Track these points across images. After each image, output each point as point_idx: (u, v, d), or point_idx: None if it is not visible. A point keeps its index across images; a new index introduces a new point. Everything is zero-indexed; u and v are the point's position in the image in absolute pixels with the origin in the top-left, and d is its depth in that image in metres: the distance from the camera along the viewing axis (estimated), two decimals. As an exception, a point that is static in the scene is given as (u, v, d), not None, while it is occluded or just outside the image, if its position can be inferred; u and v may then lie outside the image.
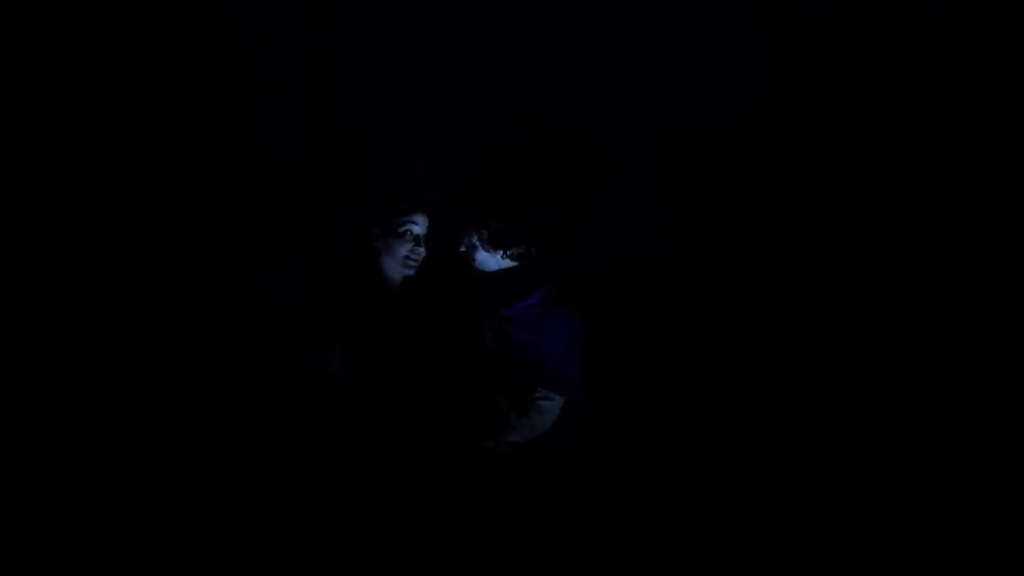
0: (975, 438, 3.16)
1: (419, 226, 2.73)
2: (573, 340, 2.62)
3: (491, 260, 2.66)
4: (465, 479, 2.57)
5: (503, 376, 2.60)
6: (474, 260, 2.67)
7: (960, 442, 3.16)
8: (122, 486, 3.10)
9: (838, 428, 3.27)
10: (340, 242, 3.48)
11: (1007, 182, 3.31)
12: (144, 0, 3.44)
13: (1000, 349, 3.25)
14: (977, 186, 3.33)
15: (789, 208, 3.52)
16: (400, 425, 2.62)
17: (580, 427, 2.66)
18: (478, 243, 2.64)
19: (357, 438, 2.62)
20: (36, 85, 3.39)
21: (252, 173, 3.59)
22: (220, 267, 3.51)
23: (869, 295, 3.42)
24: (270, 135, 3.59)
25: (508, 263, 2.65)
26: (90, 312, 3.39)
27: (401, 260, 2.71)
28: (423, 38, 3.60)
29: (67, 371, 3.31)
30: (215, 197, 3.54)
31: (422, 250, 2.74)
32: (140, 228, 3.48)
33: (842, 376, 3.35)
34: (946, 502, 3.03)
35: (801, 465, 3.19)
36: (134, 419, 3.27)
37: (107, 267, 3.44)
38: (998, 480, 3.04)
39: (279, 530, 2.77)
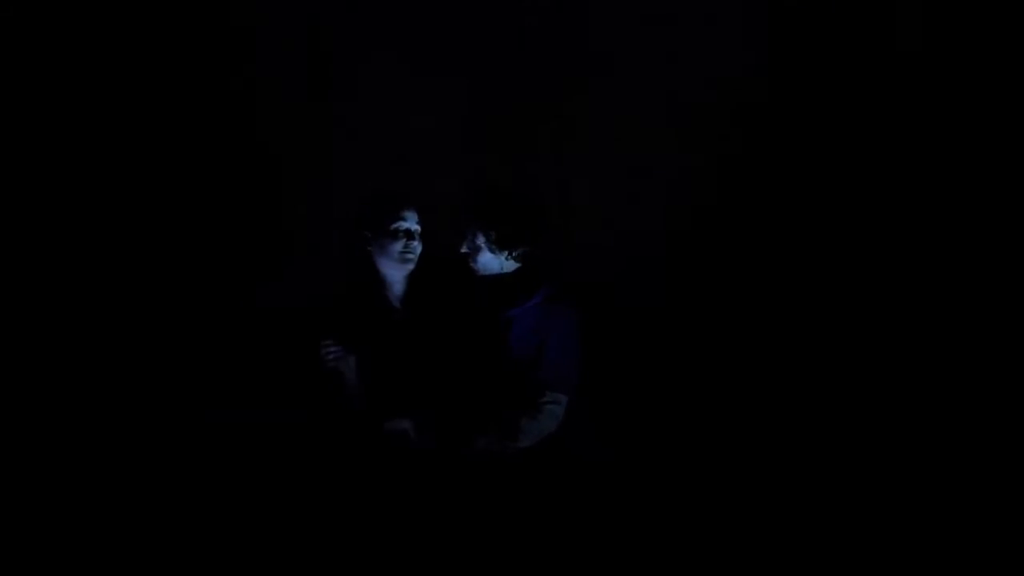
0: (975, 438, 3.16)
1: (409, 222, 2.68)
2: (575, 340, 2.63)
3: (495, 261, 2.63)
4: (473, 483, 2.57)
5: (509, 380, 2.59)
6: (476, 262, 2.64)
7: (960, 442, 3.16)
8: (128, 487, 3.11)
9: (837, 428, 3.26)
10: (341, 238, 3.50)
11: (1006, 185, 3.32)
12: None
13: (996, 348, 3.25)
14: (973, 191, 3.34)
15: (788, 208, 3.52)
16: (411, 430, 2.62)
17: (583, 427, 2.66)
18: (484, 244, 2.61)
19: (369, 442, 2.62)
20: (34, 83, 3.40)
21: (250, 170, 3.59)
22: (218, 265, 3.52)
23: (864, 293, 3.42)
24: (269, 133, 3.60)
25: (511, 265, 2.64)
26: (92, 314, 3.40)
27: (397, 256, 2.67)
28: (425, 29, 3.60)
29: (69, 373, 3.32)
30: (212, 192, 3.55)
31: (416, 243, 2.68)
32: (140, 227, 3.49)
33: (840, 376, 3.34)
34: (946, 502, 3.02)
35: (800, 463, 3.19)
36: (138, 420, 3.29)
37: (107, 268, 3.45)
38: (998, 480, 3.04)
39: (291, 532, 2.77)
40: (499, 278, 2.65)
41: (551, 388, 2.56)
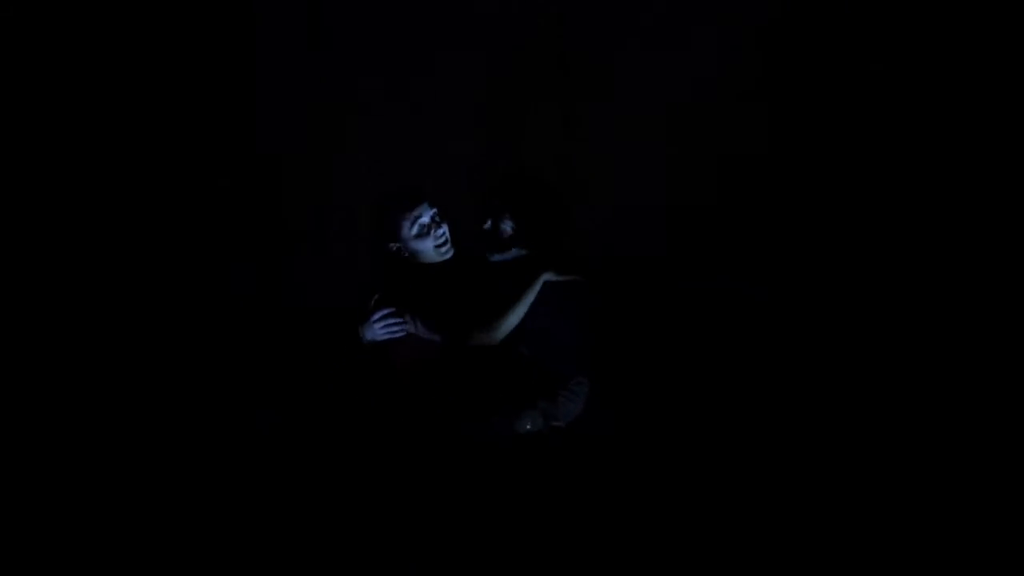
0: (974, 438, 3.16)
1: (425, 215, 2.67)
2: (587, 321, 2.66)
3: (512, 248, 2.67)
4: (509, 468, 2.58)
5: (537, 365, 2.62)
6: (494, 245, 2.66)
7: (959, 442, 3.17)
8: (128, 487, 3.10)
9: (835, 427, 3.27)
10: (343, 233, 3.53)
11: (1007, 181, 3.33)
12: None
13: (992, 341, 3.26)
14: (970, 190, 3.36)
15: (789, 187, 3.54)
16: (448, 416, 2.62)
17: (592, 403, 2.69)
18: (510, 230, 2.64)
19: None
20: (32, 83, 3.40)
21: (250, 170, 3.59)
22: (218, 265, 3.52)
23: (863, 288, 3.43)
24: (269, 132, 3.60)
25: (522, 253, 2.66)
26: (93, 314, 3.40)
27: (433, 251, 2.68)
28: (426, 24, 3.60)
29: (69, 373, 3.32)
30: (212, 192, 3.55)
31: (444, 228, 2.69)
32: (140, 228, 3.49)
33: (840, 373, 3.35)
34: (946, 502, 3.03)
35: (799, 459, 3.19)
36: (138, 420, 3.29)
37: (109, 268, 3.46)
38: (998, 480, 3.04)
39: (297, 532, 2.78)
40: (502, 263, 2.67)
41: (577, 370, 2.61)
